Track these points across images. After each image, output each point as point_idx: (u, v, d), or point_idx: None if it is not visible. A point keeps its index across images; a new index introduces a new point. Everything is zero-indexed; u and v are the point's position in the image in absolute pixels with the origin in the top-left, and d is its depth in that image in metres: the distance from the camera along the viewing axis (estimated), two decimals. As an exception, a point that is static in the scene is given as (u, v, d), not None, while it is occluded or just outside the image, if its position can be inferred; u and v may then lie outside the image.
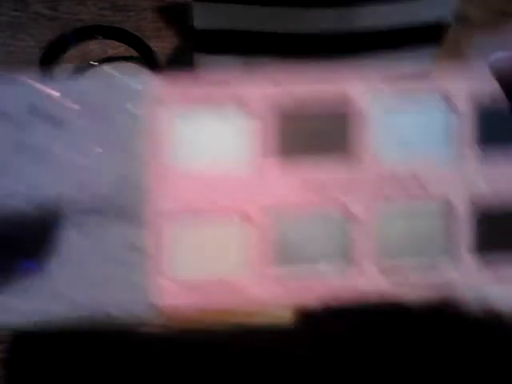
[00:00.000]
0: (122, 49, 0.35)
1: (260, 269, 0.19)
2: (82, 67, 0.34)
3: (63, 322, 0.18)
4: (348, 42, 0.34)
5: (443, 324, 0.30)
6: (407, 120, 0.20)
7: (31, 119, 0.18)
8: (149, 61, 0.34)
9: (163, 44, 0.36)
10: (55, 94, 0.18)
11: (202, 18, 0.32)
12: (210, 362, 0.30)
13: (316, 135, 0.20)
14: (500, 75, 0.19)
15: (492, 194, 0.19)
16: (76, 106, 0.18)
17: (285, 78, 0.19)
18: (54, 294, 0.17)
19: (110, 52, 0.36)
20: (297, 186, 0.19)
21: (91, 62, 0.35)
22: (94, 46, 0.35)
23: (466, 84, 0.19)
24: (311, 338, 0.31)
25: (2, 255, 0.17)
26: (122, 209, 0.18)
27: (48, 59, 0.34)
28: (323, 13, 0.32)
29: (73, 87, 0.18)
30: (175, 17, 0.37)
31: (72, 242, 0.18)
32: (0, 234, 0.17)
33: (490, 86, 0.19)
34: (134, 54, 0.34)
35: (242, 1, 0.31)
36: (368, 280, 0.19)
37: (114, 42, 0.34)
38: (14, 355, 0.30)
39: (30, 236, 0.17)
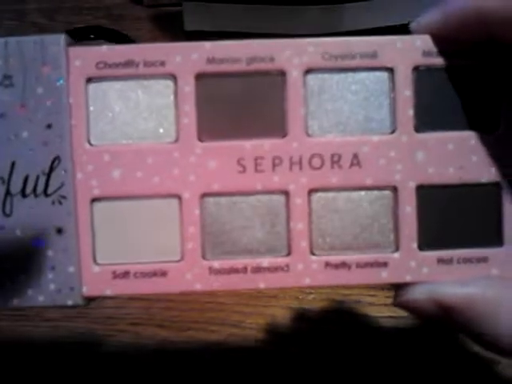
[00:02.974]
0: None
1: (193, 258, 0.18)
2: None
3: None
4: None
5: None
6: (345, 96, 0.19)
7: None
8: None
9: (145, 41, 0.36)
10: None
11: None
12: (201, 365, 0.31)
13: (247, 113, 0.18)
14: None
15: (438, 175, 0.18)
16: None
17: (217, 51, 0.18)
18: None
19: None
20: (229, 168, 0.18)
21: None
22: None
23: (410, 57, 0.18)
24: (306, 336, 0.32)
25: None
26: (50, 190, 0.18)
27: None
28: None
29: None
30: (170, 25, 0.36)
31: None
32: None
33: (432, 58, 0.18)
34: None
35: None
36: (311, 276, 0.18)
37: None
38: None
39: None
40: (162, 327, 0.31)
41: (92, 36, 0.34)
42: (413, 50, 0.18)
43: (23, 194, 0.18)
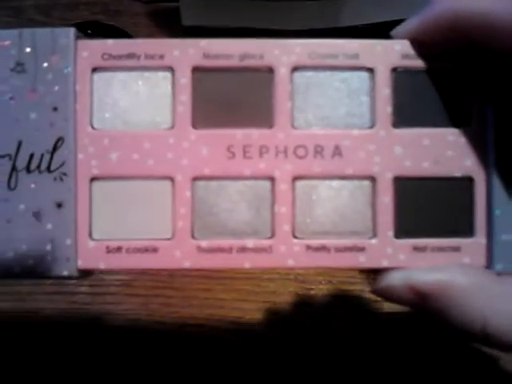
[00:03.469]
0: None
1: (183, 237, 0.20)
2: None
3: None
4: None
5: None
6: (329, 92, 0.20)
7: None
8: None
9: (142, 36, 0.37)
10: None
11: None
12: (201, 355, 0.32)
13: (238, 105, 0.20)
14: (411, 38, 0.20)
15: (414, 167, 0.20)
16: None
17: (212, 48, 0.20)
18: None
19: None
20: (219, 154, 0.20)
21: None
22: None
23: (389, 59, 0.20)
24: (307, 332, 0.32)
25: None
26: (53, 167, 0.19)
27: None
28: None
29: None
30: (168, 21, 0.37)
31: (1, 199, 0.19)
32: None
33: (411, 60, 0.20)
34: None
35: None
36: (293, 257, 0.20)
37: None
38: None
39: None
40: (161, 323, 0.32)
41: (89, 31, 0.35)
42: (392, 52, 0.20)
43: (28, 170, 0.19)
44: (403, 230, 0.20)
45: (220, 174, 0.20)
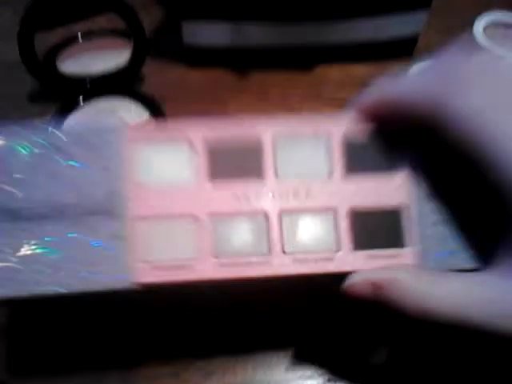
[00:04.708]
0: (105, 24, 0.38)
1: (207, 257, 0.28)
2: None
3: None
4: (339, 4, 0.37)
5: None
6: (300, 152, 0.29)
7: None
8: (135, 31, 0.36)
9: (151, 18, 0.39)
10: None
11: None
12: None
13: (239, 164, 0.29)
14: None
15: (363, 201, 0.29)
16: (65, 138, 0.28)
17: (218, 125, 0.29)
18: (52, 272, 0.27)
19: (94, 27, 0.39)
20: (228, 199, 0.28)
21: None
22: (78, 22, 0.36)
23: (343, 126, 0.29)
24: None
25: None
26: (111, 211, 0.28)
27: (26, 25, 0.36)
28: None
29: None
30: None
31: (73, 235, 0.27)
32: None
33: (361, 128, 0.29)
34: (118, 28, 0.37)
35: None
36: (283, 267, 0.28)
37: (97, 18, 0.37)
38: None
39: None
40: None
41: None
42: (344, 124, 0.29)
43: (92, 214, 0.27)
44: (359, 244, 0.29)
45: (230, 212, 0.28)
